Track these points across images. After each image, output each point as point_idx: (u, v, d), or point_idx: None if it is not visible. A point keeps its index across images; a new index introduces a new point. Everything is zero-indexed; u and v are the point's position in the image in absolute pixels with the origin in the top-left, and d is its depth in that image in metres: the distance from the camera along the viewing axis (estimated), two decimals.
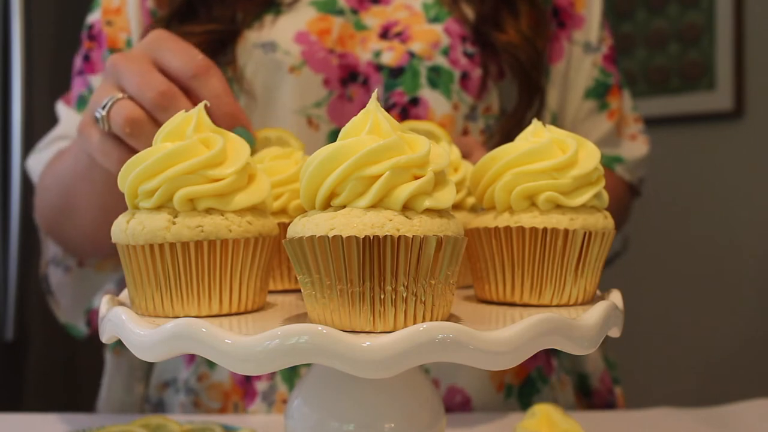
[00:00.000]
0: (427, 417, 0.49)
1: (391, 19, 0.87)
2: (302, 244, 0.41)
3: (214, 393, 0.84)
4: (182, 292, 0.46)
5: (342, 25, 0.85)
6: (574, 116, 0.95)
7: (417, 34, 0.86)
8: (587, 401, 0.95)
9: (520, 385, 0.87)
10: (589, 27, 0.95)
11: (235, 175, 0.46)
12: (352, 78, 0.84)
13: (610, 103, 0.96)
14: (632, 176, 0.98)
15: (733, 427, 0.72)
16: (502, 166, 0.50)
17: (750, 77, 2.11)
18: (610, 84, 0.96)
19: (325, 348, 0.38)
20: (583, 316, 0.43)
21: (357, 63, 0.84)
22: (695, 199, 2.18)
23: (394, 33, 0.86)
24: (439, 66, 0.85)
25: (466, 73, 0.86)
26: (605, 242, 0.50)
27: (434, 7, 0.88)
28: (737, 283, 2.12)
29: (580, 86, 0.95)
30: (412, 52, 0.84)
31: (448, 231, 0.41)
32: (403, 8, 0.88)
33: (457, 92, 0.85)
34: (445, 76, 0.85)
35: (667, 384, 2.17)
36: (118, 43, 0.90)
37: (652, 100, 2.23)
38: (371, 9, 0.88)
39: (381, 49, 0.85)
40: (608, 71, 0.96)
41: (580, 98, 0.95)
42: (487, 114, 0.88)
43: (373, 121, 0.43)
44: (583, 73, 0.95)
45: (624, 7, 2.28)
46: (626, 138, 0.99)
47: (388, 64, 0.84)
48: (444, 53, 0.85)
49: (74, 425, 0.72)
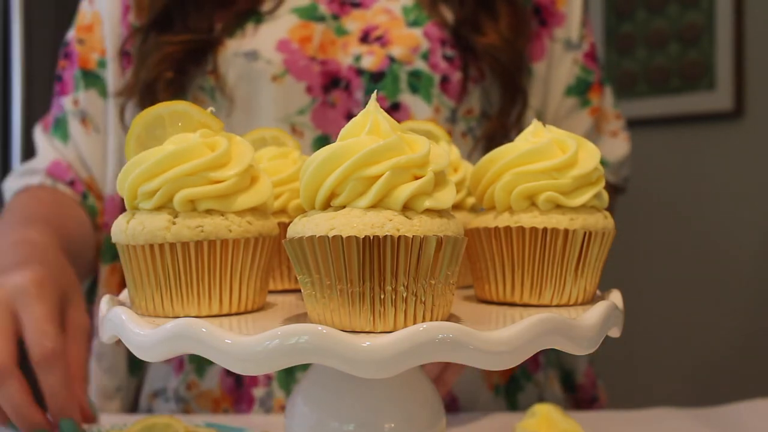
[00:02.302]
0: (427, 417, 0.49)
1: (372, 23, 0.87)
2: (302, 244, 0.41)
3: (204, 401, 0.85)
4: (182, 292, 0.46)
5: (323, 31, 0.85)
6: (555, 113, 0.94)
7: (397, 39, 0.86)
8: (572, 396, 0.96)
9: (506, 384, 0.87)
10: (569, 24, 0.95)
11: (236, 177, 0.46)
12: (334, 84, 0.84)
13: (591, 100, 0.95)
14: (617, 177, 0.98)
15: (733, 427, 0.72)
16: (502, 166, 0.50)
17: (750, 77, 2.11)
18: (591, 81, 0.96)
19: (325, 348, 0.38)
20: (583, 316, 0.43)
21: (339, 68, 0.84)
22: (695, 199, 2.18)
23: (374, 37, 0.86)
24: (419, 70, 0.85)
25: (446, 76, 0.86)
26: (605, 242, 0.50)
27: (414, 11, 0.88)
28: (737, 282, 2.12)
29: (561, 83, 0.94)
30: (391, 56, 0.84)
31: (448, 231, 0.41)
32: (383, 12, 0.88)
33: (438, 96, 0.85)
34: (425, 80, 0.85)
35: (666, 383, 2.17)
36: (89, 63, 0.90)
37: (652, 100, 2.23)
38: (352, 13, 0.88)
39: (361, 53, 0.85)
40: (589, 68, 0.96)
41: (561, 95, 0.94)
42: (468, 116, 0.88)
43: (372, 121, 0.43)
44: (564, 70, 0.94)
45: (624, 7, 2.28)
46: (606, 134, 0.98)
47: (369, 68, 0.84)
48: (423, 57, 0.85)
49: None
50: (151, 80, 0.83)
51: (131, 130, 0.49)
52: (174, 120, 0.49)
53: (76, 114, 0.90)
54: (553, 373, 0.94)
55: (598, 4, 2.30)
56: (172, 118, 0.49)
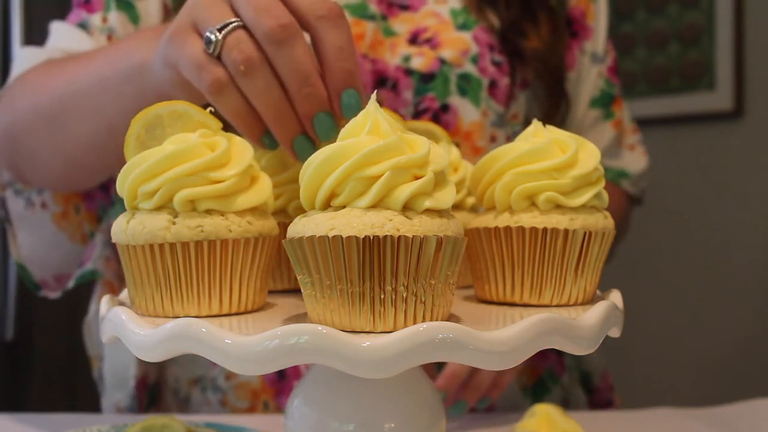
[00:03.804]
0: (427, 417, 0.49)
1: (420, 26, 0.87)
2: (302, 244, 0.41)
3: (242, 392, 0.84)
4: (182, 292, 0.46)
5: (374, 30, 0.85)
6: (580, 124, 0.97)
7: (446, 41, 0.86)
8: (589, 398, 0.96)
9: (533, 385, 0.88)
10: (596, 38, 0.98)
11: (236, 177, 0.46)
12: (381, 83, 0.84)
13: (614, 113, 0.99)
14: (636, 188, 1.02)
15: (733, 427, 0.72)
16: (502, 166, 0.50)
17: (750, 77, 2.11)
18: (614, 94, 0.99)
19: (325, 348, 0.38)
20: (583, 316, 0.43)
21: (386, 68, 0.84)
22: (695, 199, 2.18)
23: (423, 39, 0.86)
24: (468, 74, 0.85)
25: (494, 81, 0.87)
26: (605, 242, 0.50)
27: (462, 15, 0.89)
28: (737, 282, 2.12)
29: (586, 95, 0.97)
30: (442, 58, 0.85)
31: (448, 231, 0.41)
32: (431, 15, 0.89)
33: (486, 100, 0.86)
34: (474, 83, 0.86)
35: (666, 384, 2.17)
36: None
37: (652, 100, 2.23)
38: (400, 15, 0.88)
39: (410, 54, 0.85)
40: (612, 82, 0.99)
41: (585, 107, 0.97)
42: (513, 121, 0.90)
43: (372, 121, 0.43)
44: (590, 82, 0.97)
45: (624, 7, 2.28)
46: (626, 148, 1.02)
47: (419, 69, 0.84)
48: (473, 61, 0.86)
49: (75, 425, 0.72)
50: None
51: (131, 129, 0.49)
52: (173, 120, 0.49)
53: (103, 30, 0.84)
54: (575, 375, 0.95)
55: None
56: (171, 118, 0.49)
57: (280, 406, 0.82)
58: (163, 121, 0.49)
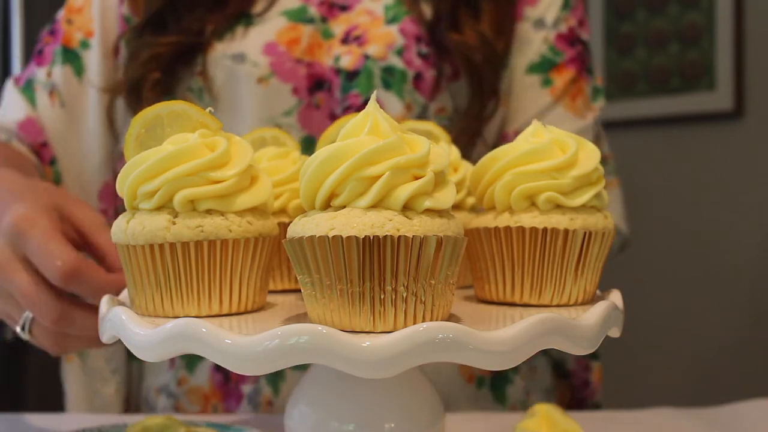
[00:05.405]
0: (427, 417, 0.49)
1: (353, 24, 0.87)
2: (302, 244, 0.41)
3: (194, 397, 0.85)
4: (182, 292, 0.46)
5: (311, 34, 0.86)
6: (516, 91, 0.91)
7: (374, 37, 0.86)
8: (566, 382, 0.95)
9: (492, 377, 0.87)
10: (544, 5, 0.91)
11: (236, 177, 0.46)
12: (319, 86, 0.85)
13: (553, 80, 0.91)
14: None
15: (733, 427, 0.72)
16: (502, 167, 0.50)
17: (750, 77, 2.11)
18: (557, 62, 0.91)
19: (325, 348, 0.38)
20: (583, 316, 0.43)
21: (323, 70, 0.85)
22: (695, 199, 2.18)
23: (353, 37, 0.86)
24: (392, 66, 0.84)
25: (420, 73, 0.85)
26: (605, 242, 0.50)
27: (394, 8, 0.88)
28: (737, 282, 2.12)
29: (524, 60, 0.91)
30: (367, 54, 0.85)
31: (448, 231, 0.41)
32: (365, 13, 0.88)
33: (410, 92, 0.85)
34: (398, 76, 0.84)
35: (667, 383, 2.17)
36: (72, 42, 0.90)
37: (652, 100, 2.23)
38: (339, 17, 0.88)
39: (340, 53, 0.85)
40: (559, 49, 0.91)
41: (522, 72, 0.91)
42: (440, 114, 0.87)
43: (372, 121, 0.43)
44: (531, 49, 0.91)
45: (624, 7, 2.28)
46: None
47: (346, 67, 0.84)
48: (398, 54, 0.85)
49: (74, 425, 0.72)
50: (137, 79, 0.83)
51: (131, 129, 0.49)
52: (172, 120, 0.49)
53: (47, 85, 0.89)
54: (544, 362, 0.94)
55: (598, 4, 2.30)
56: (171, 118, 0.49)
57: (228, 409, 0.83)
58: (163, 121, 0.49)
